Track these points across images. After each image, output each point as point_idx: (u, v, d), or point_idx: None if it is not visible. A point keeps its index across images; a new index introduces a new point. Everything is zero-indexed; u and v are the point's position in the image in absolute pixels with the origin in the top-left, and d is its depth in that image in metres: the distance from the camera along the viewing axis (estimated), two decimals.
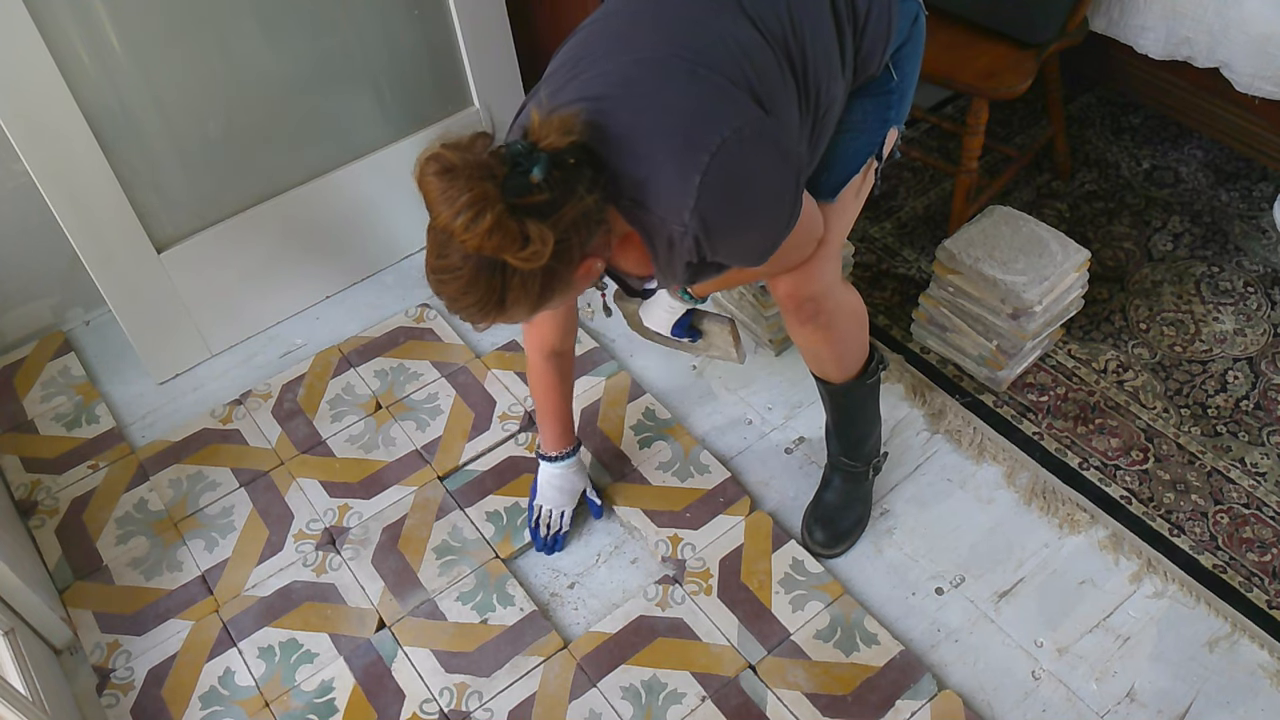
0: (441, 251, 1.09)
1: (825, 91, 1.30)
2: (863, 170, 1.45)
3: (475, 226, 1.02)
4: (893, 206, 2.33)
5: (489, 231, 1.02)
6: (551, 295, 1.14)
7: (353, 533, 1.81)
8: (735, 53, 1.19)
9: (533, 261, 1.06)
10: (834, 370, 1.62)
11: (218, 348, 2.15)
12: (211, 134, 1.93)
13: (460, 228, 1.02)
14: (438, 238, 1.09)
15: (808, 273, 1.44)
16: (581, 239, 1.11)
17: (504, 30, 2.15)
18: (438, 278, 1.11)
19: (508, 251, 1.04)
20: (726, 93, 1.17)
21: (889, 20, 1.35)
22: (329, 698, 1.62)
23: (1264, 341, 2.01)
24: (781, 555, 1.74)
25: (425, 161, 1.05)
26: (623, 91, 1.16)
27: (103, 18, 1.72)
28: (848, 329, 1.57)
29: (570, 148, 1.08)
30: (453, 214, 1.02)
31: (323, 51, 1.96)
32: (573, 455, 1.76)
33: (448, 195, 1.03)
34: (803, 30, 1.25)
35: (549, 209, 1.06)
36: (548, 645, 1.66)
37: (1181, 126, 2.41)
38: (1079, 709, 1.56)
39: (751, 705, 1.58)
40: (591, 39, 1.25)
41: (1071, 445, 1.88)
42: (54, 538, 1.84)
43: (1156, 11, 1.95)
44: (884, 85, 1.42)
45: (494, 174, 1.04)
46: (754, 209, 1.21)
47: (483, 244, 1.03)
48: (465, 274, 1.08)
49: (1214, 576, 1.68)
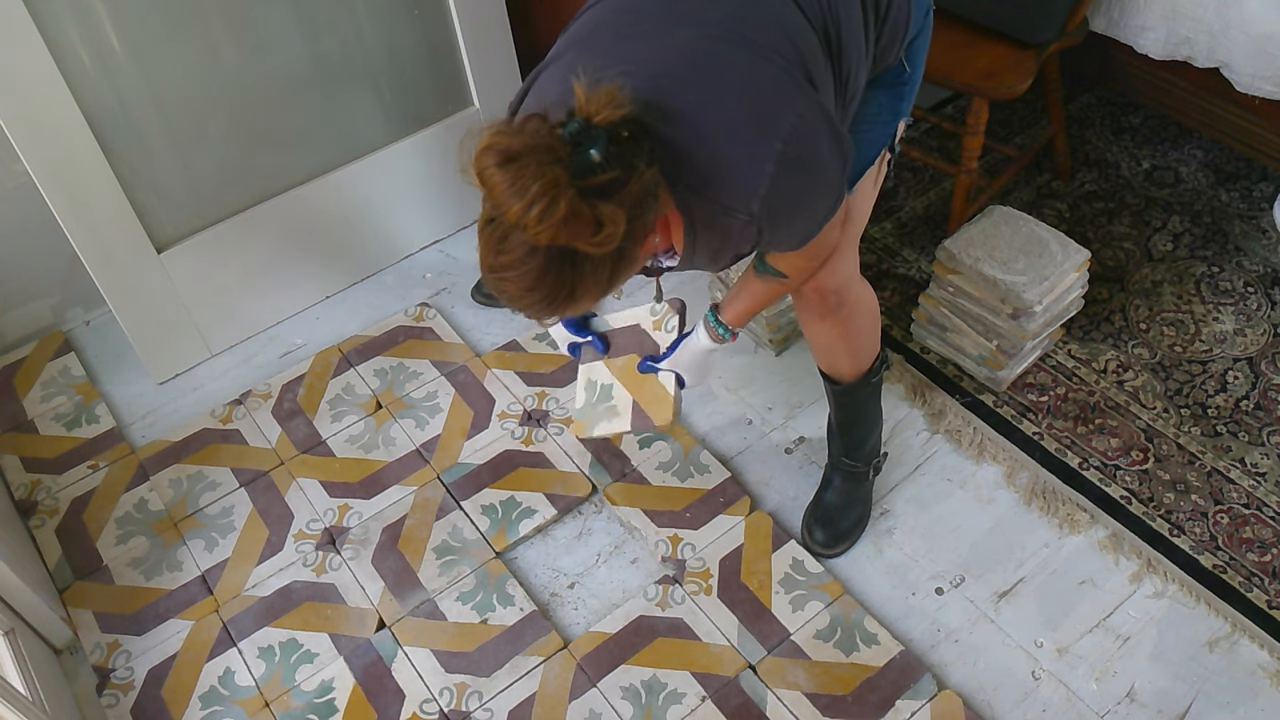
0: (501, 247, 1.01)
1: (855, 79, 1.29)
2: (877, 161, 1.45)
3: (550, 216, 0.94)
4: (893, 206, 2.33)
5: (565, 220, 0.95)
6: (619, 277, 1.07)
7: (353, 533, 1.81)
8: (788, 33, 1.16)
9: (606, 245, 0.99)
10: (847, 366, 1.61)
11: (218, 348, 2.15)
12: (211, 134, 1.93)
13: (534, 219, 0.94)
14: (497, 232, 1.01)
15: (831, 265, 1.44)
16: (645, 214, 1.04)
17: (504, 30, 2.15)
18: (500, 276, 1.03)
19: (582, 238, 0.97)
20: (788, 73, 1.13)
21: (908, 11, 1.34)
22: (329, 698, 1.62)
23: (1264, 341, 2.00)
24: (781, 555, 1.74)
25: (482, 152, 0.96)
26: (685, 69, 1.10)
27: (103, 18, 1.71)
28: (864, 323, 1.57)
29: (623, 121, 1.00)
30: (525, 205, 0.94)
31: (323, 51, 1.96)
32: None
33: (517, 186, 0.94)
34: (839, 16, 1.23)
35: (615, 188, 0.99)
36: (548, 645, 1.66)
37: (1181, 126, 2.41)
38: (1079, 709, 1.56)
39: (751, 705, 1.58)
40: (632, 8, 1.18)
41: (1071, 445, 1.87)
42: (54, 538, 1.84)
43: (1156, 11, 1.95)
44: (898, 77, 1.42)
45: (559, 156, 0.96)
46: (815, 194, 1.18)
47: (557, 234, 0.96)
48: (533, 268, 1.00)
49: (1214, 576, 1.68)
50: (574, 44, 1.19)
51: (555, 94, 1.14)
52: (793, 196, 1.14)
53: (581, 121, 0.98)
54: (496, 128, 0.97)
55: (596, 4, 1.24)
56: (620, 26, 1.18)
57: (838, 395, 1.67)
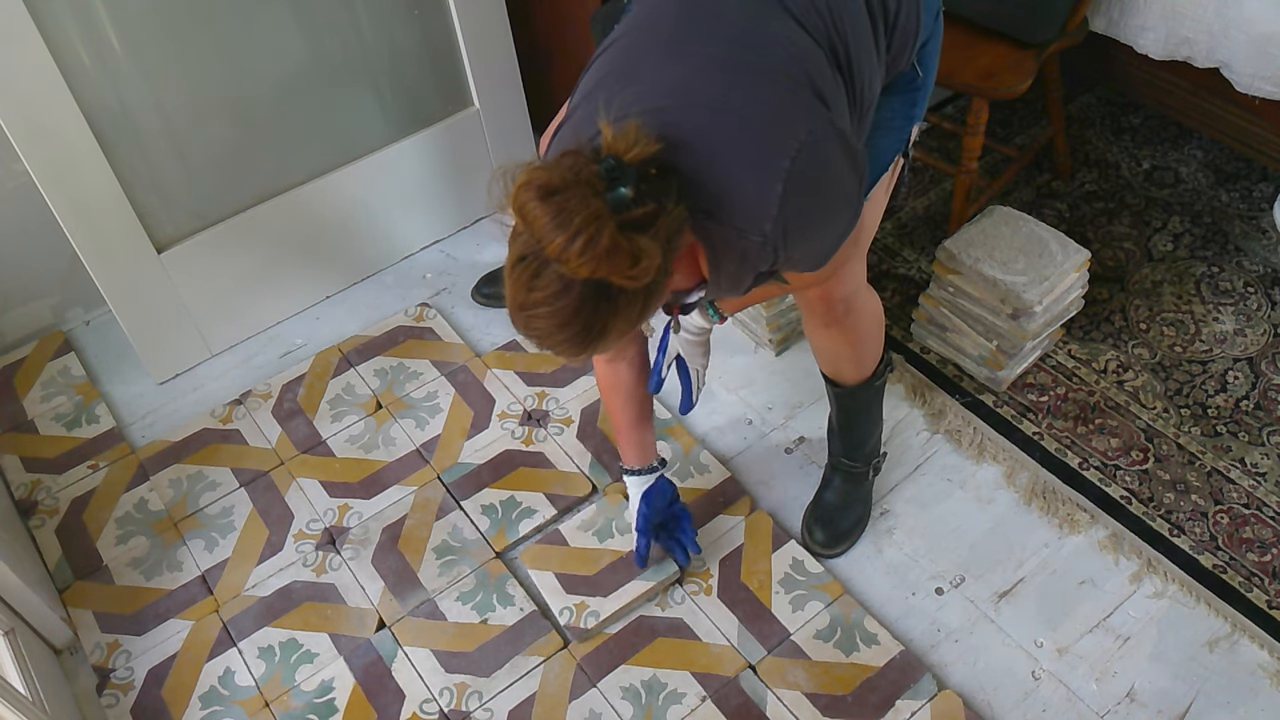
0: (534, 284, 0.99)
1: (869, 90, 1.28)
2: (891, 167, 1.44)
3: (593, 248, 0.93)
4: (893, 207, 2.33)
5: (607, 253, 0.94)
6: (648, 312, 1.07)
7: (353, 533, 1.81)
8: (791, 52, 1.15)
9: (640, 279, 0.98)
10: (851, 371, 1.61)
11: (218, 348, 2.15)
12: (211, 134, 1.93)
13: (577, 252, 0.94)
14: (529, 269, 1.00)
15: (840, 274, 1.43)
16: (674, 250, 1.04)
17: (504, 30, 2.15)
18: (530, 315, 1.01)
19: (619, 272, 0.97)
20: (794, 93, 1.13)
21: (917, 15, 1.33)
22: (329, 698, 1.62)
23: (1264, 341, 2.00)
24: (781, 555, 1.74)
25: (521, 188, 0.96)
26: (683, 100, 1.10)
27: (103, 18, 1.72)
28: (869, 330, 1.57)
29: (650, 158, 1.01)
30: (569, 237, 0.93)
31: (323, 51, 1.96)
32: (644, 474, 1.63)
33: (560, 219, 0.94)
34: (844, 27, 1.22)
35: (648, 222, 0.99)
36: (548, 645, 1.66)
37: (1181, 126, 2.41)
38: (1079, 709, 1.56)
39: (751, 705, 1.58)
40: (637, 47, 1.19)
41: (1071, 445, 1.88)
42: (54, 538, 1.84)
43: (1156, 11, 1.95)
44: (911, 82, 1.40)
45: (598, 190, 0.96)
46: (830, 212, 1.17)
47: (598, 267, 0.95)
48: (567, 305, 0.99)
49: (1214, 576, 1.68)
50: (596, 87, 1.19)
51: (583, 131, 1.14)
52: (806, 215, 1.13)
53: (614, 158, 0.99)
54: (533, 164, 0.98)
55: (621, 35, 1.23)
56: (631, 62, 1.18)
57: (840, 398, 1.67)
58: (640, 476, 1.64)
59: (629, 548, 1.73)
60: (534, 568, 1.73)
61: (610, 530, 1.77)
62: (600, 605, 1.67)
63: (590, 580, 1.71)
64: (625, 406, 1.58)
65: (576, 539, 1.77)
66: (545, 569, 1.73)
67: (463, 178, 2.29)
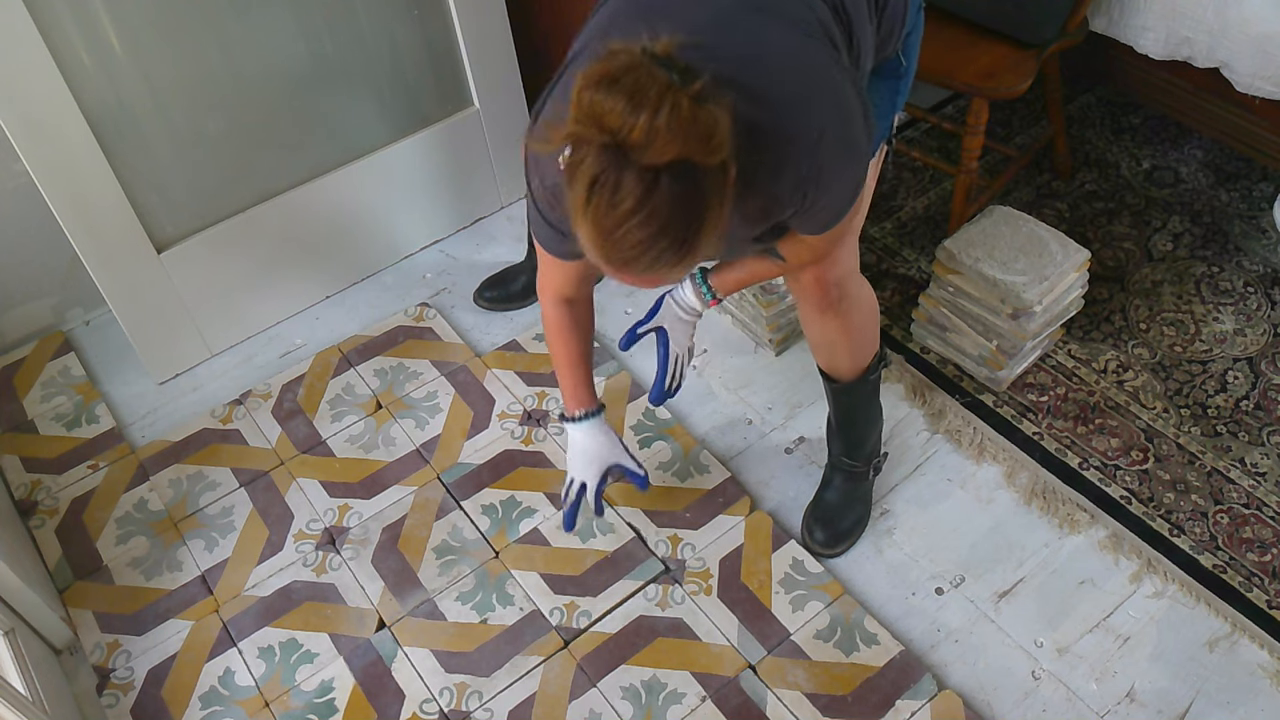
0: (616, 197, 0.96)
1: (864, 61, 1.32)
2: (877, 154, 1.46)
3: (676, 117, 0.92)
4: (893, 206, 2.33)
5: (690, 123, 0.93)
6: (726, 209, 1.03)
7: (353, 533, 1.81)
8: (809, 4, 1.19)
9: (718, 154, 0.97)
10: (846, 363, 1.62)
11: (218, 348, 2.15)
12: (211, 134, 1.93)
13: (664, 126, 0.92)
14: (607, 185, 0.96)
15: (834, 254, 1.45)
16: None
17: (504, 30, 2.15)
18: (622, 233, 0.98)
19: (701, 144, 0.95)
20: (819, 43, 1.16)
21: (904, 4, 1.37)
22: (329, 698, 1.62)
23: (1264, 341, 2.00)
24: (781, 555, 1.74)
25: (584, 89, 0.94)
26: (719, 37, 1.10)
27: (103, 18, 1.72)
28: (865, 319, 1.58)
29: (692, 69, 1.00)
30: (651, 114, 0.91)
31: (323, 51, 1.96)
32: (595, 416, 1.61)
33: (636, 99, 0.92)
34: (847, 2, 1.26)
35: (709, 94, 0.96)
36: (548, 645, 1.66)
37: (1181, 126, 2.41)
38: (1079, 709, 1.56)
39: (751, 705, 1.58)
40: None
41: (1071, 445, 1.87)
42: (54, 538, 1.84)
43: (1156, 11, 1.95)
44: (895, 69, 1.44)
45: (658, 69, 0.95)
46: (853, 157, 1.21)
47: (685, 141, 0.93)
48: (659, 203, 0.96)
49: (1214, 576, 1.68)
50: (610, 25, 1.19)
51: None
52: (837, 154, 1.16)
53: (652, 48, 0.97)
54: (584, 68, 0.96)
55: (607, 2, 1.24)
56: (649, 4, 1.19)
57: (837, 394, 1.67)
58: (583, 422, 1.61)
59: (612, 547, 1.74)
60: (516, 568, 1.73)
61: (591, 530, 1.77)
62: (591, 605, 1.67)
63: (577, 580, 1.71)
64: (578, 341, 1.55)
65: (558, 539, 1.77)
66: (529, 569, 1.74)
67: (463, 178, 2.29)
